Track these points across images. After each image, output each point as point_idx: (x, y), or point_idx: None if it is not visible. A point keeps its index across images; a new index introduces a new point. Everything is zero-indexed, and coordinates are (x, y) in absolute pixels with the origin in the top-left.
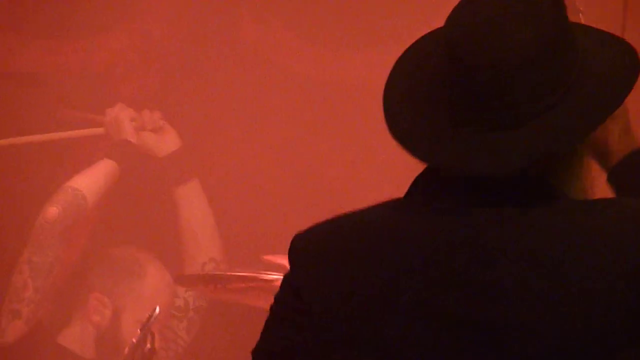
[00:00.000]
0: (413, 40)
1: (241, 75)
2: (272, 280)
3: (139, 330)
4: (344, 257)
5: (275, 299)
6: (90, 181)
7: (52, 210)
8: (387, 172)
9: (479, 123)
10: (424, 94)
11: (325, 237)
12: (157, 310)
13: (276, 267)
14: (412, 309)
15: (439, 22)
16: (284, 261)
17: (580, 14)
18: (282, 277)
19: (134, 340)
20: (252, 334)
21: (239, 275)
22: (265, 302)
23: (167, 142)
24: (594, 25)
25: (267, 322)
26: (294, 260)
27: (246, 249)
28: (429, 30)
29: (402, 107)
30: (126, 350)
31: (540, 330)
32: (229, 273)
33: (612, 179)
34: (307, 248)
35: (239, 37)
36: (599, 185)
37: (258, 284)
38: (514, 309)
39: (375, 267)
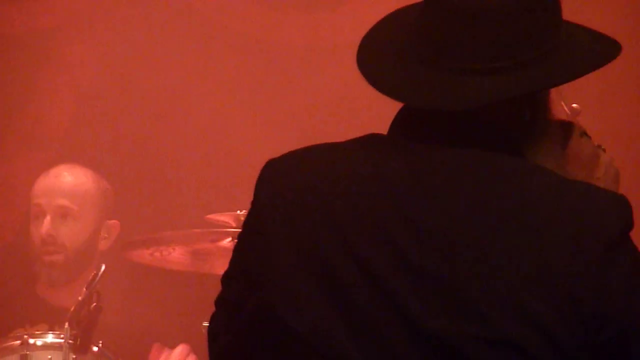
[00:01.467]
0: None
1: (186, 36)
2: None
3: (85, 289)
4: (303, 188)
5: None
6: None
7: None
8: (338, 134)
9: (452, 67)
10: (399, 41)
11: (293, 163)
12: (103, 268)
13: (220, 224)
14: (346, 231)
15: None
16: (226, 218)
17: None
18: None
19: (80, 298)
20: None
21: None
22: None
23: None
24: None
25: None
26: (260, 175)
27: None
28: None
29: (378, 53)
30: (72, 308)
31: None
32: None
33: None
34: (274, 167)
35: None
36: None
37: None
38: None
39: (324, 204)
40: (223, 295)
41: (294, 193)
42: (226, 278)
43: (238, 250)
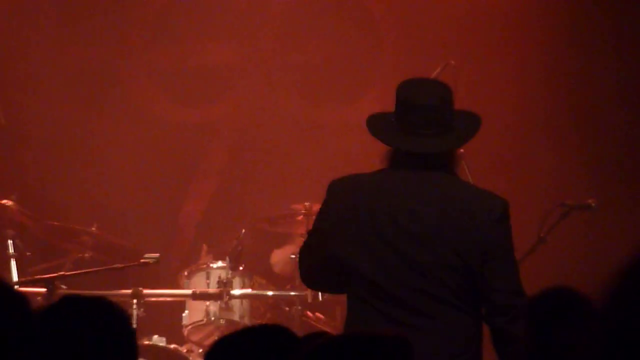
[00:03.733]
0: None
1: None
2: None
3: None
4: (359, 193)
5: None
6: None
7: None
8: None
9: (416, 132)
10: (389, 122)
11: (351, 179)
12: (243, 231)
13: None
14: (385, 234)
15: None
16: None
17: None
18: None
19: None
20: None
21: None
22: None
23: None
24: None
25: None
26: (330, 187)
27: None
28: None
29: (378, 125)
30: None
31: (430, 243)
32: None
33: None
34: (338, 182)
35: None
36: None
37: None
38: (430, 234)
39: (362, 201)
40: (307, 241)
41: (348, 197)
42: (311, 232)
43: (317, 221)
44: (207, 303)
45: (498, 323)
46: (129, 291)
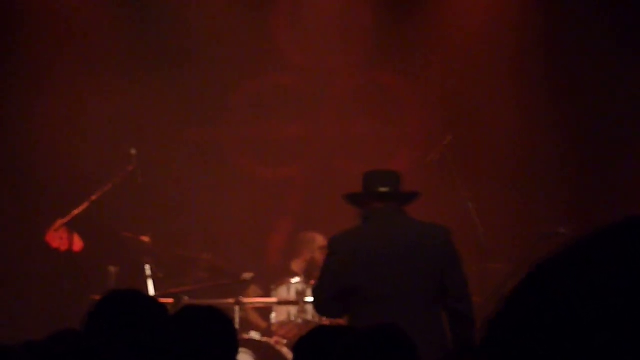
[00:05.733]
0: None
1: None
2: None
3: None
4: (353, 241)
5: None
6: None
7: None
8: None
9: (385, 193)
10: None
11: (345, 234)
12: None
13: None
14: (377, 262)
15: None
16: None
17: None
18: None
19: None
20: None
21: None
22: None
23: None
24: None
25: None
26: (331, 241)
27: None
28: None
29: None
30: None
31: (411, 263)
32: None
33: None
34: (337, 237)
35: None
36: None
37: None
38: (405, 257)
39: (364, 246)
40: (319, 282)
41: (349, 244)
42: (321, 276)
43: (327, 266)
44: (289, 307)
45: (451, 304)
46: (233, 300)
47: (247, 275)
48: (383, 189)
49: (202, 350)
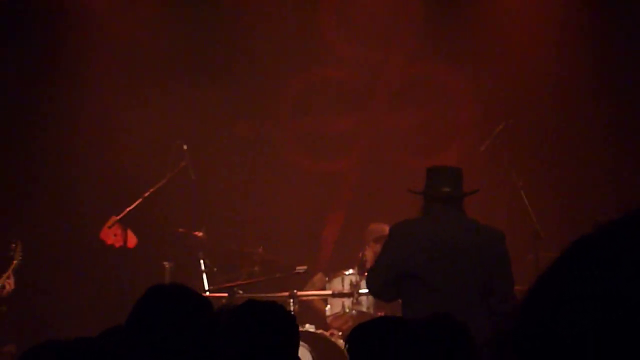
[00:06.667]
0: None
1: None
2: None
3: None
4: (414, 229)
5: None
6: None
7: None
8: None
9: (448, 194)
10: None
11: (406, 222)
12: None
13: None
14: (435, 254)
15: None
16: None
17: None
18: None
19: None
20: None
21: None
22: None
23: None
24: None
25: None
26: (392, 227)
27: None
28: None
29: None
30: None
31: (468, 262)
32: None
33: None
34: (398, 224)
35: None
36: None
37: None
38: (461, 254)
39: (423, 236)
40: (375, 267)
41: (409, 233)
42: (378, 260)
43: (385, 251)
44: (343, 299)
45: (495, 303)
46: (287, 293)
47: (301, 269)
48: (446, 189)
49: (264, 344)
